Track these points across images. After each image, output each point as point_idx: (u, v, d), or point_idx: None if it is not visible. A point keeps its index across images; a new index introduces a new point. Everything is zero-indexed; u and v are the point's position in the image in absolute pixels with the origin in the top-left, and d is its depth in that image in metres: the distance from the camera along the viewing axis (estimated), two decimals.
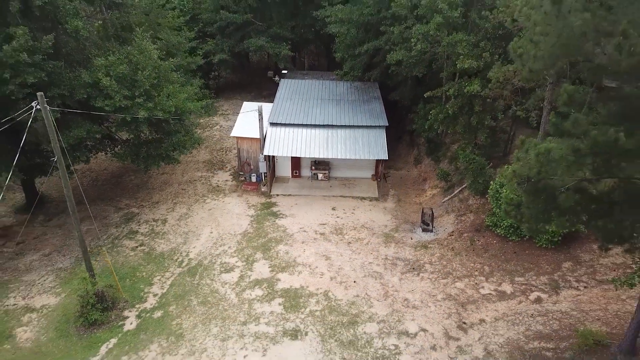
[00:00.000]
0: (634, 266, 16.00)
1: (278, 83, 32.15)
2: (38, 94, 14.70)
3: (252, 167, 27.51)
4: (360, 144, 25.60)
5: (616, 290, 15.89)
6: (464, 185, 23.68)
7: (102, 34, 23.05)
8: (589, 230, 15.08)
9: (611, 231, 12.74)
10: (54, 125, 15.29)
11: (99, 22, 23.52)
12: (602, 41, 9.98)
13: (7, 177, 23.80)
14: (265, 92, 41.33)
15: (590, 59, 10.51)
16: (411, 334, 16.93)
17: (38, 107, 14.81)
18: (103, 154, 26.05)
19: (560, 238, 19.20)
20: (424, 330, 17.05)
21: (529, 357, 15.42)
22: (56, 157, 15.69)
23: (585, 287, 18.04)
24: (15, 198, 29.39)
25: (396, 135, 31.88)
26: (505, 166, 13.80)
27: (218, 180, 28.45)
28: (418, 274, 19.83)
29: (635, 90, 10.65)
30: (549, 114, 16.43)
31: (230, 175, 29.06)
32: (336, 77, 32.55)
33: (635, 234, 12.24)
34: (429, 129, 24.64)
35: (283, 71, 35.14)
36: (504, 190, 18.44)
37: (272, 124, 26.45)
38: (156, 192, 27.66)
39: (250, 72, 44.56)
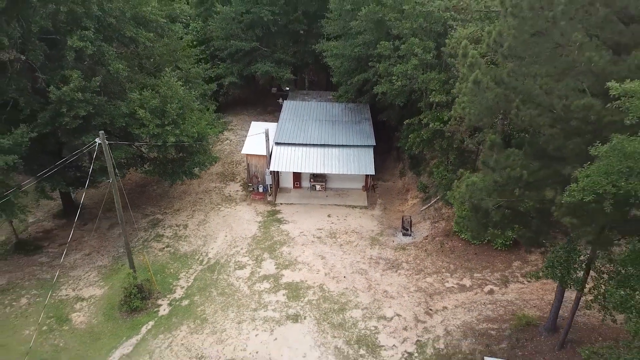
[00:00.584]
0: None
1: (281, 104, 36.50)
2: (100, 132, 19.04)
3: (259, 179, 31.81)
4: (351, 161, 29.94)
5: (536, 281, 20.25)
6: (438, 197, 27.96)
7: (132, 66, 27.34)
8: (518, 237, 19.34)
9: (531, 239, 17.09)
10: (111, 155, 19.62)
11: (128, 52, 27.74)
12: (508, 107, 14.31)
13: (55, 189, 28.36)
14: (270, 107, 45.76)
15: (504, 118, 14.82)
16: (388, 318, 21.24)
17: (98, 141, 19.14)
18: (133, 169, 30.36)
19: (511, 242, 23.49)
20: (398, 315, 21.37)
21: (478, 335, 19.75)
22: (111, 179, 20.01)
23: (528, 281, 22.35)
24: (50, 205, 33.53)
25: (385, 150, 36.16)
26: (451, 190, 18.09)
27: (230, 191, 32.79)
28: (396, 271, 24.16)
29: (537, 140, 14.95)
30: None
31: (240, 186, 33.39)
32: (332, 97, 36.97)
33: (545, 241, 16.55)
34: (408, 149, 28.94)
35: (286, 88, 39.48)
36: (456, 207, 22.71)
37: (277, 144, 30.80)
38: (177, 201, 32.00)
39: (256, 89, 48.85)
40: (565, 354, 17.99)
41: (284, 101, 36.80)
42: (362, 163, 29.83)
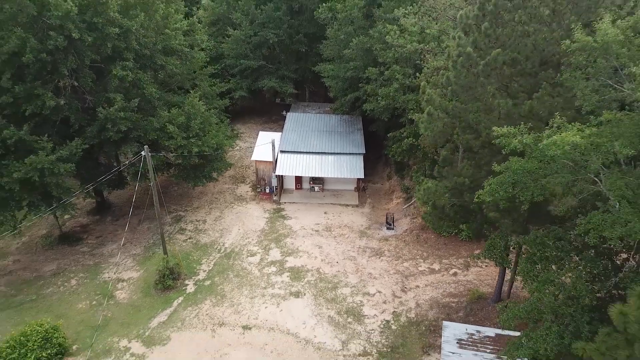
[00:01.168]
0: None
1: (285, 116, 41.61)
2: (145, 147, 24.14)
3: (266, 182, 36.89)
4: (344, 166, 35.02)
5: (492, 265, 25.31)
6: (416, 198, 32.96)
7: (161, 88, 32.42)
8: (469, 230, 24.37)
9: (476, 230, 22.19)
10: (151, 163, 24.71)
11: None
12: (453, 132, 19.38)
13: (97, 190, 33.38)
14: (274, 117, 50.88)
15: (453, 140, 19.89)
16: (371, 294, 26.33)
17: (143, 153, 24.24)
18: (160, 173, 35.44)
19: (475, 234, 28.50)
20: (380, 291, 26.45)
21: (441, 306, 24.82)
22: (152, 183, 25.11)
23: (486, 265, 27.41)
24: (80, 203, 38.53)
25: (375, 156, 41.19)
26: (416, 193, 23.08)
27: (241, 191, 37.90)
28: (379, 258, 29.25)
29: (479, 156, 19.97)
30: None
31: (250, 187, 38.50)
32: (329, 109, 42.04)
33: (486, 232, 21.61)
34: (392, 156, 33.98)
35: (289, 99, 44.69)
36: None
37: (282, 152, 35.89)
38: (196, 200, 37.12)
39: (262, 100, 53.93)
40: None
41: (287, 113, 41.92)
42: (353, 168, 34.92)
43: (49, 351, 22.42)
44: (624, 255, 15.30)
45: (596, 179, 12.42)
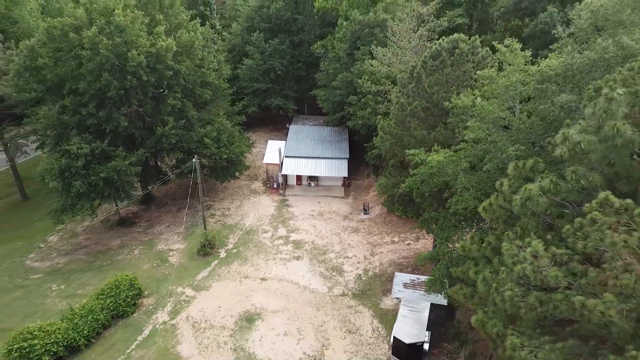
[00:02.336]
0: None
1: (288, 128, 52.51)
2: (195, 157, 35.03)
3: (274, 179, 47.74)
4: (333, 167, 45.89)
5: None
6: None
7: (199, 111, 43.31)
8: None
9: (417, 212, 33.09)
10: (199, 167, 35.65)
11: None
12: (396, 149, 30.26)
13: (149, 187, 44.19)
14: (279, 125, 61.78)
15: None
16: (349, 257, 37.29)
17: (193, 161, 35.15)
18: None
19: None
20: (355, 255, 37.42)
21: (396, 264, 35.80)
22: (199, 179, 36.00)
23: (431, 238, 38.29)
24: (131, 195, 49.41)
25: (358, 159, 51.99)
26: (375, 186, 34.05)
27: (255, 187, 48.81)
28: (357, 233, 40.21)
29: (406, 164, 30.86)
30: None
31: (261, 183, 49.38)
32: (323, 122, 52.92)
33: (421, 212, 32.48)
34: (369, 160, 44.89)
35: (291, 111, 55.96)
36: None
37: (286, 156, 46.77)
38: (220, 193, 48.01)
39: (269, 113, 64.81)
40: None
41: (290, 126, 52.81)
42: (340, 169, 45.80)
43: (132, 292, 33.29)
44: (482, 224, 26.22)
45: (455, 179, 23.30)
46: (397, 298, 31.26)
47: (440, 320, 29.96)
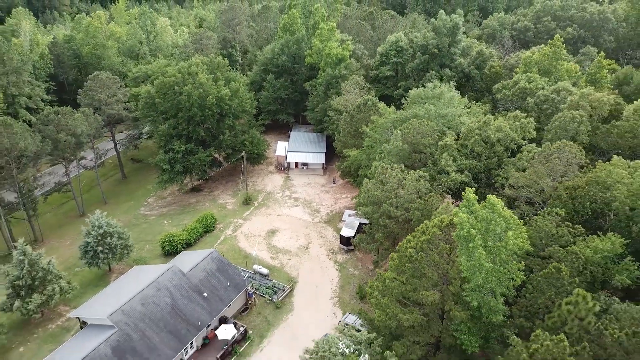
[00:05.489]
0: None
1: (290, 134, 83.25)
2: (243, 153, 65.50)
3: (282, 165, 78.28)
4: (316, 157, 76.57)
5: None
6: None
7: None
8: None
9: (360, 180, 63.87)
10: (245, 158, 66.27)
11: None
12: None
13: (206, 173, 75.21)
14: (284, 130, 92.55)
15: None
16: (324, 205, 68.03)
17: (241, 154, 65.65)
18: (238, 162, 77.00)
19: None
20: (326, 204, 68.17)
21: (346, 207, 66.51)
22: (242, 165, 66.49)
23: None
24: (198, 174, 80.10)
25: (331, 152, 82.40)
26: (335, 165, 64.49)
27: (270, 169, 79.46)
28: (328, 193, 71.01)
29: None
30: None
31: (274, 167, 79.97)
32: (312, 129, 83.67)
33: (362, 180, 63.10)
34: (338, 153, 75.21)
35: (292, 121, 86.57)
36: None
37: (289, 151, 77.36)
38: (251, 173, 78.54)
39: (277, 123, 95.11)
40: None
41: (291, 132, 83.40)
42: (320, 158, 76.46)
43: (212, 220, 63.83)
44: None
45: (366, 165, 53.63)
46: (344, 220, 62.04)
47: (362, 229, 60.74)
